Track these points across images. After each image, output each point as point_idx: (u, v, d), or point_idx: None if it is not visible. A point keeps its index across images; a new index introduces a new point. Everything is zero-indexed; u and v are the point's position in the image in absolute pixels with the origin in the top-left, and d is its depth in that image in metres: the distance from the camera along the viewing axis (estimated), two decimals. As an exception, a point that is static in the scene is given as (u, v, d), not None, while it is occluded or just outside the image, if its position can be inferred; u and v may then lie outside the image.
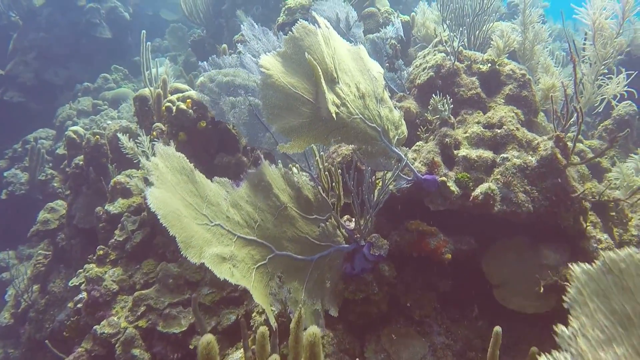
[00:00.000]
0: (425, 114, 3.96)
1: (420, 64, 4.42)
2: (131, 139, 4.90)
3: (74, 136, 6.47)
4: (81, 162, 6.18)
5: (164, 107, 4.53)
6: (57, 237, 7.09)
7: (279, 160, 3.53)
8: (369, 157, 3.39)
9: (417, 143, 3.91)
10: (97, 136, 5.93)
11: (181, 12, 10.36)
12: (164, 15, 13.82)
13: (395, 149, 3.37)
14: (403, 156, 3.37)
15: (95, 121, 8.28)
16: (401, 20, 6.53)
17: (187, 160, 2.77)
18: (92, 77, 11.32)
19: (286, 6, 6.38)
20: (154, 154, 2.53)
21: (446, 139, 3.69)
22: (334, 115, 3.04)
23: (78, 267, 6.51)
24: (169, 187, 2.54)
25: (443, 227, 3.71)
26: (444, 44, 4.30)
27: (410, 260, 3.78)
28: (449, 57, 4.25)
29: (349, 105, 3.20)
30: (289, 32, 3.13)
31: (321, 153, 3.53)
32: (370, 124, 3.28)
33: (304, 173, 3.66)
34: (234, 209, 2.92)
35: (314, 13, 3.27)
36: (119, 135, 4.62)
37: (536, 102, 4.07)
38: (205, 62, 3.70)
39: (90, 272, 4.92)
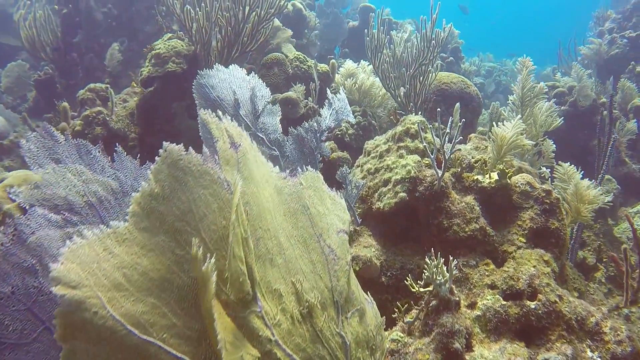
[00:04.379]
0: (405, 280, 2.20)
1: (377, 170, 2.68)
2: None
3: None
4: None
5: None
6: None
7: None
8: None
9: (394, 334, 2.14)
10: None
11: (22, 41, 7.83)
12: (5, 40, 10.93)
13: (377, 410, 1.58)
14: None
15: None
16: (319, 70, 4.81)
17: None
18: None
19: (154, 52, 4.36)
20: None
21: (454, 343, 1.96)
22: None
23: None
24: None
25: None
26: (418, 137, 2.61)
27: None
28: (426, 160, 2.56)
29: (278, 350, 1.36)
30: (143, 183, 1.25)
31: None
32: (325, 374, 1.46)
33: None
34: None
35: (202, 113, 1.41)
36: None
37: (567, 235, 2.52)
38: None
39: None
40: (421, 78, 4.72)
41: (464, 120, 2.46)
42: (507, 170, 2.44)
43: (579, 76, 6.32)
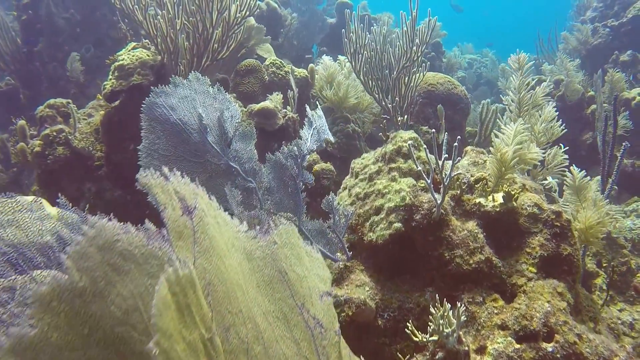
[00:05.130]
0: (406, 328, 1.93)
1: (367, 195, 2.40)
2: None
3: None
4: None
5: None
6: None
7: None
8: None
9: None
10: None
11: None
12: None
13: None
14: None
15: None
16: (297, 75, 4.51)
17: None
18: None
19: (117, 63, 4.00)
20: None
21: (469, 404, 1.69)
22: None
23: None
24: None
25: None
26: (411, 157, 2.33)
27: None
28: (421, 182, 2.29)
29: None
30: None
31: None
32: None
33: None
34: None
35: (142, 177, 1.08)
36: None
37: (580, 260, 2.27)
38: None
39: None
40: (406, 79, 4.45)
41: (456, 144, 2.19)
42: (513, 192, 2.18)
43: (566, 69, 6.11)
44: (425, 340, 1.85)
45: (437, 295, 1.95)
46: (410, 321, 1.98)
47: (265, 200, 2.15)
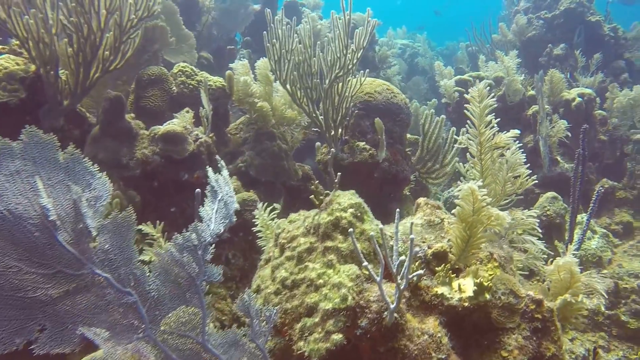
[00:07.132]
0: None
1: (296, 284, 1.81)
2: None
3: None
4: None
5: None
6: None
7: None
8: None
9: None
10: None
11: None
12: None
13: None
14: None
15: None
16: (211, 85, 3.80)
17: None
18: None
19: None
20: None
21: None
22: None
23: None
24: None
25: None
26: (353, 244, 1.76)
27: None
28: (366, 270, 1.74)
29: None
30: None
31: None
32: None
33: None
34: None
35: None
36: None
37: (565, 357, 1.82)
38: None
39: None
40: (340, 87, 3.86)
41: (413, 236, 1.64)
42: (485, 283, 1.68)
43: (507, 67, 5.77)
44: None
45: None
46: None
47: (153, 315, 1.52)
